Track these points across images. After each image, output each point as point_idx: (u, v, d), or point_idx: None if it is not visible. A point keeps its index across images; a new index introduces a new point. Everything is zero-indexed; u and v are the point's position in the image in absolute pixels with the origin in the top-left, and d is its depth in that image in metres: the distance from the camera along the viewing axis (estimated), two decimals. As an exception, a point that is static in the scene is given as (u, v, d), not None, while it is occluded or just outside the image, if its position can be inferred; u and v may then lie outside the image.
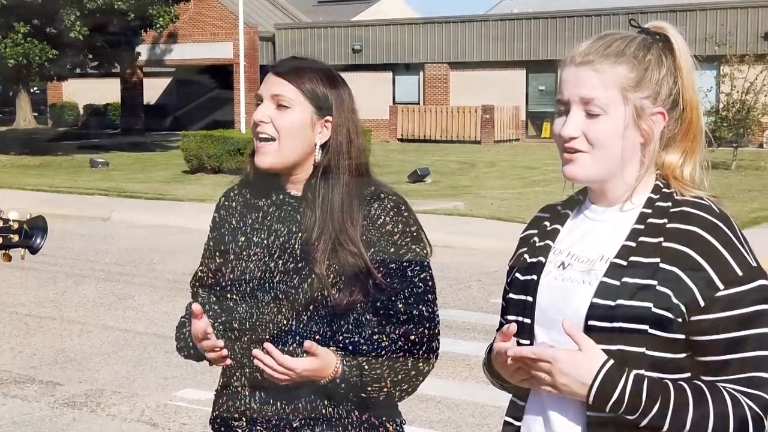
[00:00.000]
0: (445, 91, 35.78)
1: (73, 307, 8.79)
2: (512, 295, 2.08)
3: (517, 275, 2.09)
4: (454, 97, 35.40)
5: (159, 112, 43.47)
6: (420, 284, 2.35)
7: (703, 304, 1.85)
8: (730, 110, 23.11)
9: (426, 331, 2.33)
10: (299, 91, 2.35)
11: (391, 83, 36.58)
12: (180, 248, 12.38)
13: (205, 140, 21.82)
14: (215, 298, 2.47)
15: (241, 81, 25.98)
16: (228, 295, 2.39)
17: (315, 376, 2.23)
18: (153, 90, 43.79)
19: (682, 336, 1.86)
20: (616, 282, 1.89)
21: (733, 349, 1.85)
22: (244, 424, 2.37)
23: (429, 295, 2.36)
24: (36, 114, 49.82)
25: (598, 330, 1.88)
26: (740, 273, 1.86)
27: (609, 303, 1.88)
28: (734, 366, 1.85)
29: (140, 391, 6.34)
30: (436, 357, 2.39)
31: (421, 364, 2.32)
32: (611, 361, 1.85)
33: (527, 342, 2.00)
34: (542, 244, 2.09)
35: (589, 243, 2.01)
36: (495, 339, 2.04)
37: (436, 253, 2.48)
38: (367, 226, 2.34)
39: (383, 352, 2.29)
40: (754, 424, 1.83)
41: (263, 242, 2.39)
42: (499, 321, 2.16)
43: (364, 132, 2.52)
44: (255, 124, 2.36)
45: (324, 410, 2.32)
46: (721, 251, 1.87)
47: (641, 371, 1.84)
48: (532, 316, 2.02)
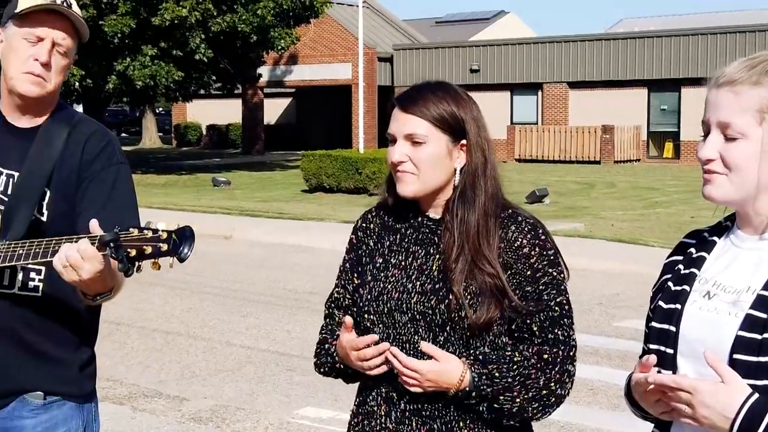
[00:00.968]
0: (564, 111, 35.43)
1: (198, 323, 8.98)
2: (655, 324, 2.03)
3: (661, 303, 2.04)
4: (574, 117, 35.02)
5: (279, 132, 44.28)
6: (556, 308, 2.33)
7: None
8: None
9: (560, 353, 2.31)
10: (430, 124, 2.35)
11: (509, 103, 36.41)
12: (300, 267, 12.54)
13: (323, 160, 22.12)
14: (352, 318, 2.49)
15: (360, 101, 26.22)
16: (365, 316, 2.40)
17: (442, 381, 2.24)
18: (273, 110, 44.66)
19: None
20: (764, 315, 1.83)
21: None
22: (380, 443, 2.39)
23: (565, 320, 2.34)
24: (161, 134, 51.40)
25: (744, 364, 1.82)
26: None
27: (755, 337, 1.82)
28: None
29: (263, 408, 6.42)
30: (572, 382, 2.35)
31: (553, 384, 2.30)
32: (756, 395, 1.78)
33: (669, 373, 1.94)
34: (687, 272, 2.03)
35: (736, 272, 1.95)
36: (635, 368, 1.99)
37: (555, 276, 2.44)
38: (504, 249, 2.33)
39: (514, 366, 2.28)
40: None
41: (401, 263, 2.40)
42: (642, 348, 2.11)
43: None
44: (393, 164, 2.38)
45: None
46: None
47: None
48: (674, 347, 1.96)
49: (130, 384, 6.91)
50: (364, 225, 2.53)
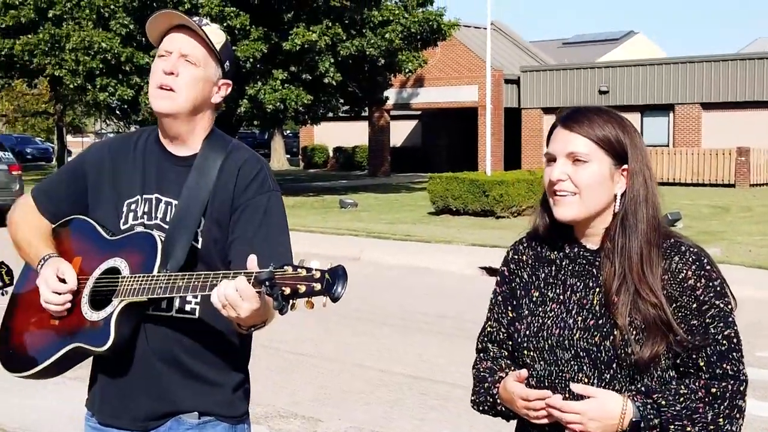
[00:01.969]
0: (696, 133, 34.52)
1: (331, 345, 9.04)
2: None
3: None
4: (707, 139, 34.08)
5: (404, 154, 44.51)
6: (724, 342, 2.25)
7: None
8: None
9: (730, 387, 2.23)
10: (594, 143, 2.30)
11: (639, 125, 35.68)
12: (429, 290, 12.52)
13: (450, 182, 22.08)
14: (507, 353, 2.44)
15: (487, 123, 26.11)
16: (525, 352, 2.35)
17: (605, 419, 2.18)
18: (399, 132, 44.93)
19: None
20: None
21: None
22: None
23: (734, 353, 2.26)
24: (289, 156, 52.27)
25: None
26: None
27: None
28: None
29: (397, 432, 6.41)
30: (743, 418, 2.26)
31: (722, 420, 2.22)
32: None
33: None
34: None
35: None
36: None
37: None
38: (669, 281, 2.25)
39: (680, 398, 2.20)
40: None
41: (559, 298, 2.34)
42: None
43: None
44: (551, 183, 2.32)
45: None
46: None
47: None
48: None
49: (265, 404, 6.99)
50: (516, 257, 2.47)
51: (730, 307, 2.28)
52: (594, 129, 2.30)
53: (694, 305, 2.24)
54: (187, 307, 2.63)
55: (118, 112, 32.57)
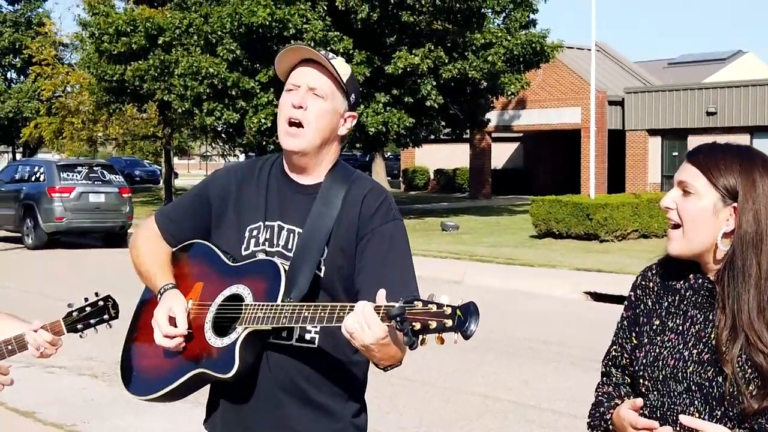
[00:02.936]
0: (809, 155, 33.47)
1: (435, 370, 9.02)
2: None
3: None
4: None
5: (506, 177, 44.30)
6: None
7: None
8: None
9: None
10: (703, 176, 2.25)
11: (748, 146, 34.80)
12: (533, 315, 12.39)
13: (553, 205, 21.87)
14: (629, 379, 2.41)
15: (591, 145, 25.76)
16: (641, 381, 2.32)
17: None
18: (500, 154, 44.75)
19: None
20: None
21: None
22: None
23: None
24: (389, 178, 52.55)
25: None
26: None
27: None
28: None
29: (503, 460, 6.34)
30: None
31: None
32: None
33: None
34: None
35: None
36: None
37: None
38: None
39: None
40: None
41: (678, 328, 2.30)
42: None
43: None
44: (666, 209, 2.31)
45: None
46: None
47: None
48: None
49: (372, 429, 6.98)
50: (644, 283, 2.44)
51: None
52: (707, 161, 2.26)
53: None
54: (307, 336, 2.66)
55: (223, 135, 33.24)
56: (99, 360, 9.16)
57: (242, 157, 57.37)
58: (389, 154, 58.15)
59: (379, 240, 2.65)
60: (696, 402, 2.21)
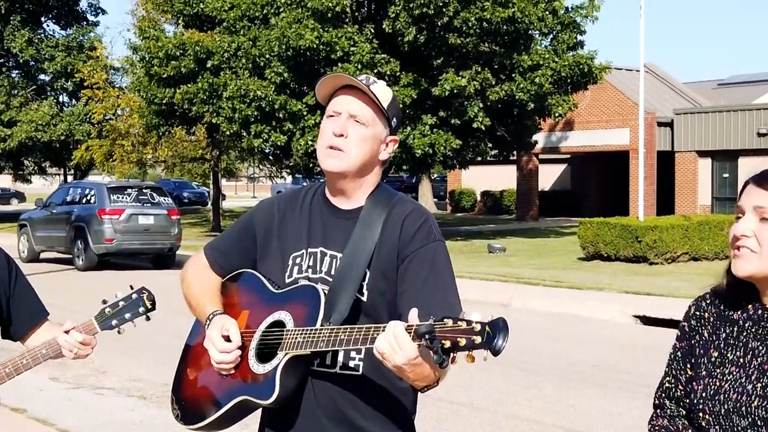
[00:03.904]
0: None
1: (482, 394, 8.95)
2: None
3: None
4: None
5: (553, 198, 44.04)
6: None
7: None
8: None
9: None
10: None
11: (801, 169, 34.28)
12: (581, 338, 12.27)
13: (601, 227, 21.68)
14: (684, 411, 2.35)
15: (640, 167, 25.47)
16: (700, 415, 2.25)
17: None
18: (548, 176, 44.52)
19: None
20: None
21: None
22: None
23: None
24: (436, 199, 52.50)
25: None
26: None
27: None
28: None
29: (551, 487, 6.26)
30: None
31: None
32: None
33: None
34: None
35: None
36: None
37: None
38: None
39: None
40: None
41: (739, 361, 2.24)
42: None
43: None
44: (735, 238, 2.24)
45: None
46: None
47: None
48: None
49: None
50: (698, 313, 2.38)
51: None
52: None
53: None
54: (351, 363, 2.65)
55: (271, 157, 33.45)
56: (147, 381, 9.22)
57: (289, 178, 57.75)
58: (436, 175, 58.08)
59: (419, 262, 2.63)
60: None
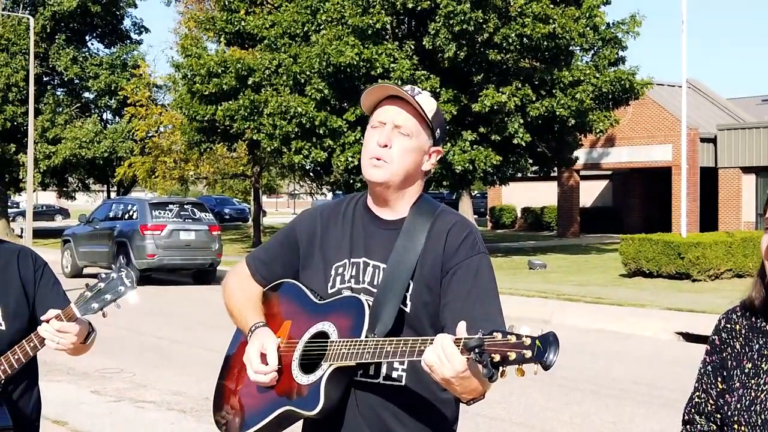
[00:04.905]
0: None
1: (522, 409, 8.90)
2: None
3: None
4: None
5: (594, 215, 43.76)
6: None
7: None
8: None
9: None
10: None
11: None
12: (622, 355, 12.16)
13: (643, 244, 21.49)
14: (715, 426, 2.33)
15: (683, 183, 25.20)
16: (735, 426, 2.23)
17: None
18: (589, 193, 44.26)
19: None
20: None
21: None
22: None
23: None
24: (476, 216, 52.38)
25: None
26: None
27: None
28: None
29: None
30: None
31: None
32: None
33: None
34: None
35: None
36: None
37: None
38: None
39: None
40: None
41: None
42: None
43: None
44: (765, 253, 2.22)
45: None
46: None
47: None
48: None
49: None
50: (729, 326, 2.36)
51: None
52: None
53: None
54: (394, 374, 2.64)
55: (311, 173, 33.57)
56: (187, 395, 9.28)
57: (329, 195, 57.89)
58: (476, 192, 57.99)
59: (463, 274, 2.63)
60: None
